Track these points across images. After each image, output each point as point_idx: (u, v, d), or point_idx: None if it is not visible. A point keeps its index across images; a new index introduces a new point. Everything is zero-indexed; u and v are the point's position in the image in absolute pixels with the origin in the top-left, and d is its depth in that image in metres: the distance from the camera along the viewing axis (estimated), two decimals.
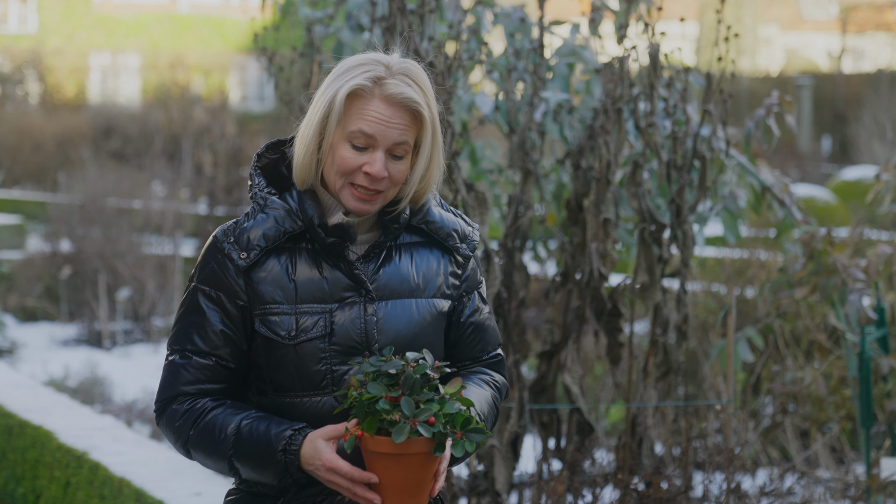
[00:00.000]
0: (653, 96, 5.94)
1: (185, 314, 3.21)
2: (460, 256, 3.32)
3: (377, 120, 3.11)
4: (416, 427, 2.92)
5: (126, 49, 39.48)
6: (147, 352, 13.48)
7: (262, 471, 3.08)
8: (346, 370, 3.14)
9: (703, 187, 6.03)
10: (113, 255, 14.92)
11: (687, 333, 6.03)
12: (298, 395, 3.15)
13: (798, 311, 8.14)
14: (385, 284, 3.20)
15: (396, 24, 5.75)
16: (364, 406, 2.96)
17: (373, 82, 3.13)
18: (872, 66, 38.16)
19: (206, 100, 33.96)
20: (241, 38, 40.39)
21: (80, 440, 6.89)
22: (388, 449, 2.95)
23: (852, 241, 6.69)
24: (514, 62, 6.44)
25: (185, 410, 3.14)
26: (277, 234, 3.16)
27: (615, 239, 5.95)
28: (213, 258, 3.18)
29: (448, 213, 3.33)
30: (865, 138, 26.70)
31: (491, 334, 3.40)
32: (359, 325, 3.15)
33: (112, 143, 28.41)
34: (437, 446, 2.95)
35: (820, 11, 48.96)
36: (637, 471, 5.68)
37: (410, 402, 2.94)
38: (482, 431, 2.99)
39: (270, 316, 3.14)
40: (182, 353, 3.18)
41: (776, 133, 6.49)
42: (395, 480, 2.99)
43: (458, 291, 3.32)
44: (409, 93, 3.13)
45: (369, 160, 3.11)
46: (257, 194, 3.22)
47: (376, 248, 3.22)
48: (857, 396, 6.48)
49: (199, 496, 5.93)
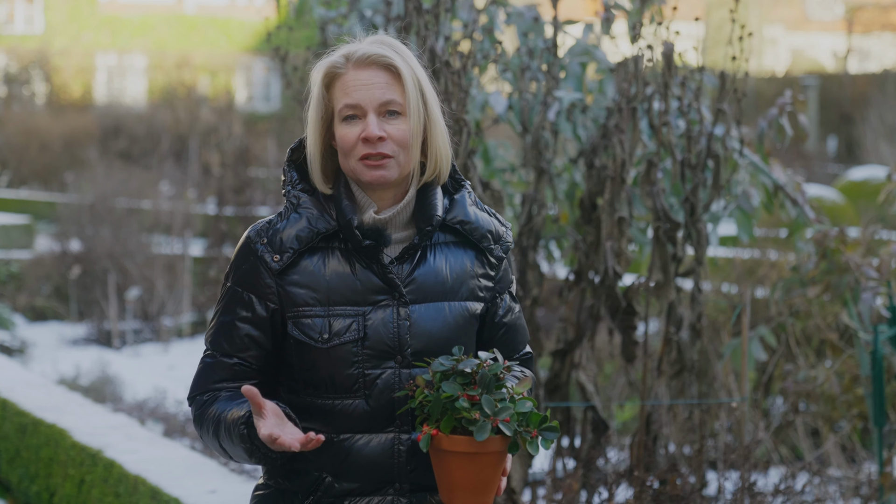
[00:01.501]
0: (667, 95, 5.95)
1: (218, 314, 3.22)
2: (493, 258, 3.30)
3: (356, 87, 3.11)
4: (496, 425, 2.92)
5: (132, 49, 39.51)
6: (157, 351, 13.52)
7: (235, 447, 3.08)
8: (378, 374, 3.12)
9: (716, 186, 6.04)
10: (123, 254, 14.96)
11: (701, 332, 6.04)
12: (330, 398, 3.14)
13: (809, 310, 8.15)
14: (419, 287, 3.18)
15: (412, 24, 5.76)
16: (441, 404, 2.96)
17: (344, 58, 3.15)
18: (878, 66, 38.14)
19: (213, 100, 34.01)
20: (247, 38, 40.43)
21: (94, 438, 6.91)
22: (464, 448, 2.94)
23: (865, 240, 6.70)
24: (528, 61, 6.45)
25: (204, 401, 3.17)
26: (310, 236, 3.15)
27: (630, 237, 5.97)
28: (246, 259, 3.18)
29: (483, 213, 3.30)
30: (872, 138, 26.70)
31: (521, 333, 3.39)
32: (392, 328, 3.14)
33: (119, 144, 28.47)
34: (512, 445, 2.96)
35: (825, 12, 48.94)
36: (652, 468, 5.70)
37: (491, 400, 2.94)
38: (555, 430, 2.99)
39: (303, 318, 3.14)
40: (212, 353, 3.20)
41: (789, 132, 6.50)
42: (467, 479, 2.99)
43: (490, 293, 3.30)
44: (378, 50, 3.13)
45: (363, 126, 3.11)
46: (290, 192, 3.20)
47: (410, 249, 3.20)
48: (870, 395, 6.49)
49: (213, 494, 5.95)
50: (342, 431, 3.14)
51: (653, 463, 5.76)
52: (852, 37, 41.16)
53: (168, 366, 12.68)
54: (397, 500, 3.17)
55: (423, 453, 3.13)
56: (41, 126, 28.36)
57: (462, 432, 2.96)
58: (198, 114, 29.81)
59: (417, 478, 3.17)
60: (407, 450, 3.15)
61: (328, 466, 3.15)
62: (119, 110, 32.10)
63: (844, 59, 38.76)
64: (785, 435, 7.89)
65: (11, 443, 7.79)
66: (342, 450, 3.14)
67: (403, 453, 3.15)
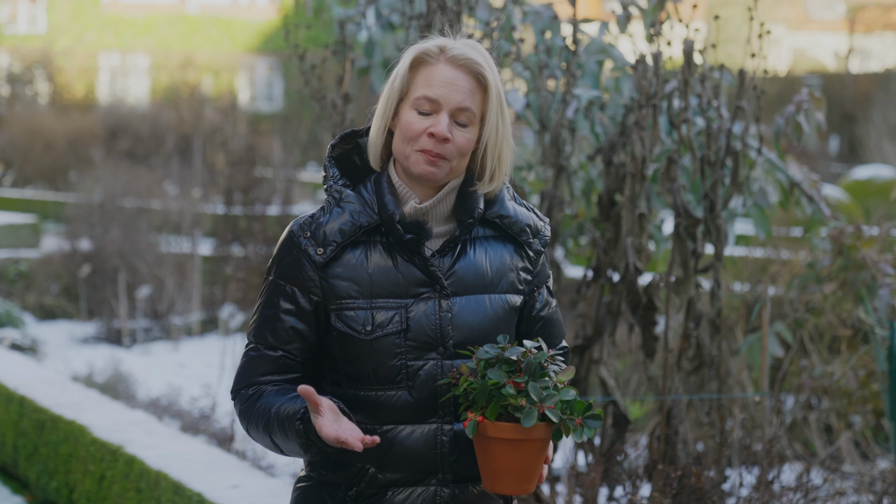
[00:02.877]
0: (686, 93, 5.99)
1: (261, 308, 3.25)
2: (532, 252, 3.34)
3: (441, 83, 3.14)
4: (542, 412, 2.96)
5: (135, 49, 39.53)
6: (167, 349, 13.55)
7: (289, 442, 3.11)
8: (420, 365, 3.16)
9: (735, 183, 6.08)
10: (132, 253, 15.00)
11: (720, 327, 6.09)
12: (373, 389, 3.18)
13: (822, 307, 8.20)
14: (459, 280, 3.22)
15: (434, 22, 5.80)
16: (487, 391, 2.99)
17: (438, 49, 3.18)
18: (880, 65, 38.20)
19: (216, 100, 34.04)
20: (250, 38, 40.46)
21: (113, 434, 6.95)
22: (510, 434, 2.98)
23: (881, 236, 6.74)
24: (546, 59, 6.49)
25: (250, 395, 3.20)
26: (353, 230, 3.18)
27: (650, 234, 6.01)
28: (289, 253, 3.21)
29: (521, 207, 3.34)
30: (875, 138, 26.74)
31: (558, 327, 3.43)
32: (434, 320, 3.17)
33: (123, 143, 28.52)
34: (557, 433, 3.00)
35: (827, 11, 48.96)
36: (675, 462, 5.74)
37: (537, 387, 2.98)
38: (598, 418, 3.03)
39: (346, 311, 3.17)
40: (256, 346, 3.23)
41: (806, 129, 6.54)
42: (511, 466, 3.02)
43: (529, 286, 3.33)
44: (473, 55, 3.17)
45: (433, 122, 3.14)
46: (332, 187, 3.24)
47: (451, 242, 3.23)
48: (886, 390, 6.52)
49: (236, 489, 5.98)
50: (385, 423, 3.18)
51: (675, 457, 5.80)
52: (854, 36, 41.19)
53: (179, 364, 12.72)
54: (440, 490, 3.21)
55: (465, 443, 3.17)
56: (45, 126, 28.39)
57: (507, 419, 2.99)
58: (202, 113, 29.86)
59: (460, 468, 3.21)
60: (450, 440, 3.19)
61: (372, 458, 3.18)
62: (122, 110, 32.13)
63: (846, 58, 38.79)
64: (798, 431, 7.93)
65: (30, 439, 7.82)
66: (385, 441, 3.17)
67: (446, 444, 3.19)
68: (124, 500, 6.55)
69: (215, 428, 8.74)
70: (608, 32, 7.13)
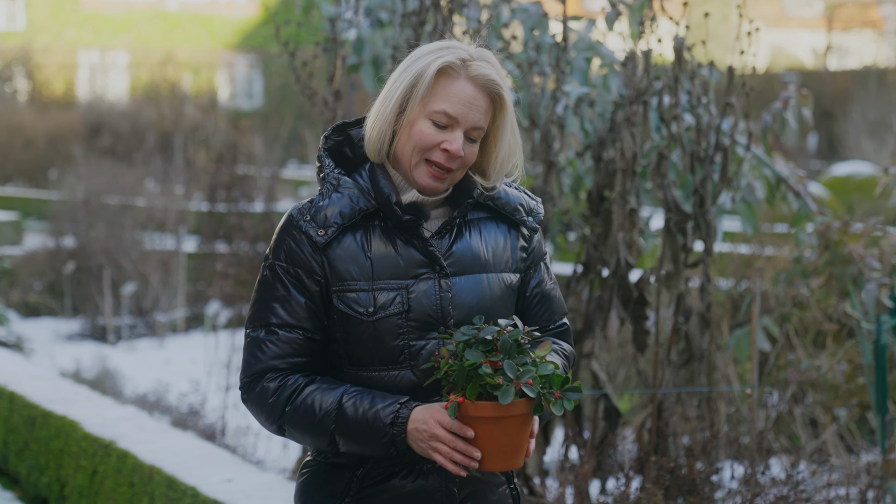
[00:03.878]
0: (677, 89, 6.06)
1: (266, 291, 3.27)
2: (527, 229, 3.41)
3: (462, 101, 3.21)
4: (520, 388, 3.02)
5: (114, 46, 39.43)
6: (152, 346, 13.57)
7: (366, 444, 3.16)
8: (423, 345, 3.22)
9: (724, 178, 6.15)
10: (117, 250, 15.01)
11: (710, 322, 6.15)
12: (376, 370, 3.23)
13: (808, 301, 8.27)
14: (458, 260, 3.28)
15: (427, 19, 5.85)
16: (465, 372, 3.05)
17: (461, 62, 3.24)
18: (858, 62, 38.35)
19: (196, 97, 33.99)
20: (230, 35, 40.40)
21: (105, 429, 6.97)
22: (491, 412, 3.04)
23: (867, 232, 6.82)
24: (535, 56, 6.55)
25: (278, 388, 3.22)
26: (353, 213, 3.24)
27: (641, 229, 6.07)
28: (290, 235, 3.25)
29: (511, 189, 3.42)
30: (854, 134, 26.87)
31: (557, 304, 3.49)
32: (434, 300, 3.24)
33: (103, 141, 28.45)
34: (537, 407, 3.06)
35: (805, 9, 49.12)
36: (666, 455, 5.80)
37: (513, 364, 3.03)
38: (578, 390, 3.09)
39: (348, 293, 3.22)
40: (267, 329, 3.25)
41: (793, 125, 6.61)
42: (495, 443, 3.09)
43: (525, 264, 3.40)
44: (493, 75, 3.24)
45: (449, 138, 3.21)
46: (329, 175, 3.30)
47: (448, 224, 3.30)
48: (872, 384, 6.60)
49: (230, 482, 6.02)
50: None
51: (667, 449, 5.86)
52: (832, 33, 41.35)
53: (164, 360, 12.73)
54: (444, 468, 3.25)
55: None
56: (25, 123, 28.31)
57: (487, 398, 3.06)
58: (182, 111, 29.82)
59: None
60: None
61: None
62: (103, 107, 32.05)
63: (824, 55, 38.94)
64: (784, 425, 8.00)
65: (20, 435, 7.84)
66: None
67: None
68: (117, 495, 6.58)
69: (204, 423, 8.77)
70: (595, 29, 7.20)
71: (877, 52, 39.57)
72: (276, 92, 37.83)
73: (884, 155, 25.09)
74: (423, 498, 3.27)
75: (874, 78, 30.73)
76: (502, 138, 3.29)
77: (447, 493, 3.28)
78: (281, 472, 7.69)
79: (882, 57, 37.99)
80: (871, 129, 26.86)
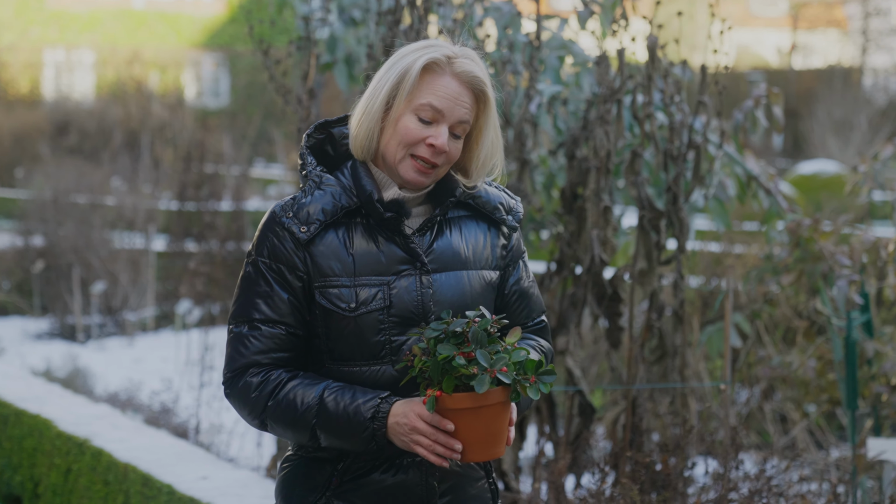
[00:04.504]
0: (650, 87, 6.10)
1: (249, 286, 3.30)
2: (507, 228, 3.45)
3: (447, 96, 3.26)
4: (495, 376, 3.05)
5: (80, 45, 39.24)
6: (122, 345, 13.55)
7: (347, 439, 3.20)
8: (404, 340, 3.26)
9: (697, 176, 6.19)
10: (86, 249, 14.97)
11: (683, 318, 6.20)
12: (358, 365, 3.27)
13: (777, 299, 8.34)
14: (439, 257, 3.32)
15: (403, 18, 5.88)
16: (440, 366, 3.08)
17: (446, 58, 3.29)
18: (823, 62, 38.56)
19: (163, 95, 33.88)
20: (196, 33, 40.26)
21: (79, 427, 6.96)
22: (468, 403, 3.08)
23: (837, 229, 6.89)
24: (509, 55, 6.58)
25: (260, 382, 3.25)
26: (335, 210, 3.28)
27: (614, 226, 6.11)
28: (273, 232, 3.29)
29: (491, 188, 3.47)
30: (819, 133, 27.04)
31: (535, 301, 3.53)
32: (415, 296, 3.27)
33: (70, 139, 28.33)
34: (514, 393, 3.10)
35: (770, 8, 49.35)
36: (641, 450, 5.84)
37: (486, 353, 3.07)
38: (552, 372, 3.13)
39: (330, 288, 3.26)
40: (250, 324, 3.28)
41: (764, 124, 6.67)
42: (476, 433, 3.13)
43: (504, 262, 3.45)
44: (477, 72, 3.30)
45: (434, 133, 3.25)
46: (311, 172, 3.33)
47: (430, 221, 3.35)
48: (843, 380, 6.66)
49: (205, 480, 6.03)
50: None
51: (642, 445, 5.90)
52: (797, 33, 41.56)
53: (134, 359, 12.72)
54: (427, 463, 3.29)
55: None
56: None
57: (464, 389, 3.09)
58: (149, 109, 29.71)
59: None
60: None
61: None
62: (69, 106, 31.92)
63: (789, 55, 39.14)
64: (753, 421, 8.07)
65: None
66: None
67: None
68: (91, 493, 6.57)
69: (177, 421, 8.78)
70: (568, 27, 7.24)
71: (841, 52, 39.80)
72: (242, 90, 37.74)
73: (849, 153, 25.28)
74: (404, 492, 3.30)
75: (839, 77, 30.94)
76: (485, 136, 3.34)
77: (427, 487, 3.31)
78: (255, 469, 7.70)
79: (846, 56, 38.23)
80: (837, 128, 27.04)
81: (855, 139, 26.09)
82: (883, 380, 7.04)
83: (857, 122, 26.59)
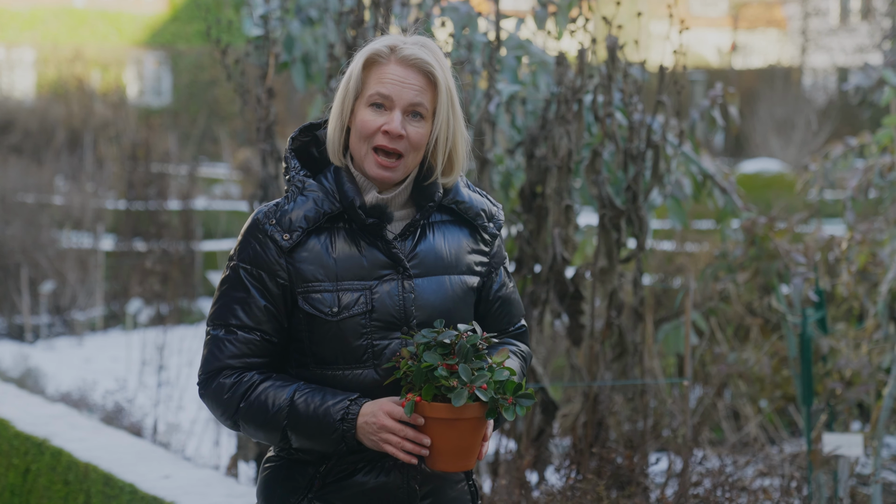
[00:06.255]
0: (610, 87, 6.16)
1: (228, 291, 3.32)
2: (488, 234, 3.46)
3: (392, 80, 3.27)
4: (473, 392, 3.09)
5: (21, 43, 38.92)
6: (71, 344, 13.47)
7: (317, 439, 3.22)
8: (386, 344, 3.28)
9: (656, 175, 6.26)
10: (34, 248, 14.88)
11: (643, 316, 6.26)
12: (340, 368, 3.28)
13: (728, 296, 8.43)
14: (421, 262, 3.34)
15: (365, 17, 5.90)
16: (423, 374, 3.12)
17: (389, 49, 3.31)
18: (763, 61, 38.89)
19: (105, 94, 33.67)
20: (137, 32, 40.03)
21: (37, 427, 6.93)
22: (445, 414, 3.12)
23: (791, 227, 6.98)
24: (467, 55, 6.62)
25: (233, 384, 3.27)
26: (317, 216, 3.29)
27: (576, 225, 6.16)
28: (255, 238, 3.30)
29: (475, 194, 3.48)
30: (761, 132, 27.27)
31: (516, 307, 3.56)
32: (397, 301, 3.29)
33: (11, 138, 28.11)
34: (490, 411, 3.13)
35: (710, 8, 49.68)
36: (605, 446, 5.90)
37: (467, 369, 3.11)
38: (530, 397, 3.17)
39: (313, 293, 3.27)
40: (227, 328, 3.30)
41: (720, 123, 6.74)
42: (448, 444, 3.16)
43: (486, 268, 3.46)
44: (422, 54, 3.29)
45: (387, 119, 3.27)
46: (294, 177, 3.35)
47: (412, 226, 3.36)
48: (798, 376, 6.74)
49: (167, 479, 6.02)
50: None
51: (606, 440, 5.96)
52: (737, 32, 41.89)
53: (84, 359, 12.66)
54: (408, 466, 3.30)
55: None
56: None
57: (443, 400, 3.13)
58: (91, 108, 29.55)
59: None
60: None
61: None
62: (10, 104, 31.66)
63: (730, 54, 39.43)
64: (707, 417, 8.15)
65: None
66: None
67: None
68: (51, 493, 6.55)
69: (131, 421, 8.75)
70: (525, 27, 7.29)
71: (781, 52, 40.16)
72: (184, 89, 37.57)
73: (790, 152, 25.52)
74: (385, 494, 3.32)
75: (779, 77, 31.20)
76: (438, 118, 3.32)
77: (408, 489, 3.33)
78: (214, 468, 7.70)
79: (786, 56, 38.57)
80: (778, 127, 27.28)
81: (796, 138, 26.35)
82: (837, 376, 7.13)
83: (797, 122, 26.84)
